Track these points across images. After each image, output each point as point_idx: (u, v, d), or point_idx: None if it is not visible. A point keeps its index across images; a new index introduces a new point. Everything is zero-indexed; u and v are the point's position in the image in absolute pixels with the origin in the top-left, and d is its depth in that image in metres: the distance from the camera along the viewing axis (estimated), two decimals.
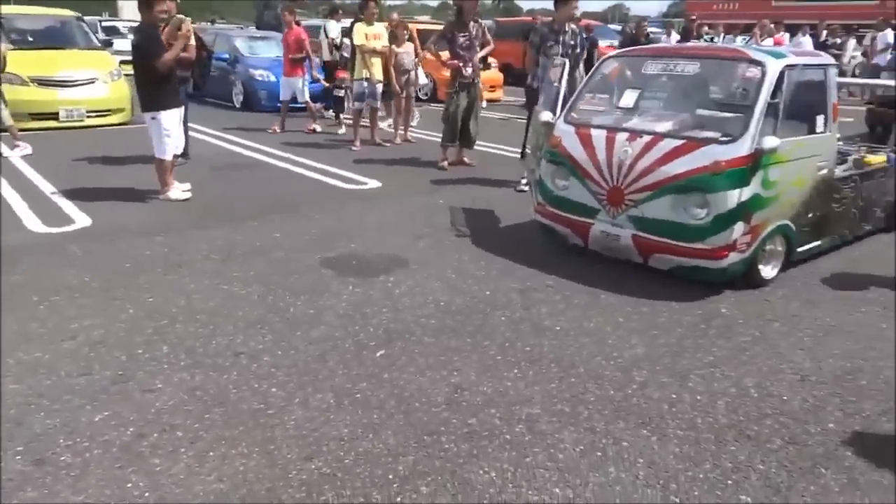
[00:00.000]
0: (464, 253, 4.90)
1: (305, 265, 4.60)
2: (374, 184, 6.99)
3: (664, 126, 4.35)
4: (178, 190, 6.20)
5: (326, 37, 10.69)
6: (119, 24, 21.62)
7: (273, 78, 12.02)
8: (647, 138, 4.24)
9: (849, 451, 2.64)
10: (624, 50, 5.66)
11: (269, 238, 5.15)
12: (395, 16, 10.48)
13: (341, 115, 10.33)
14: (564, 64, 5.24)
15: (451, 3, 7.77)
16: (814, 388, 3.11)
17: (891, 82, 7.55)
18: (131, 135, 8.90)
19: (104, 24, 20.85)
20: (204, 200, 6.14)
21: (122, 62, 11.29)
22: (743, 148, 3.94)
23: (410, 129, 9.77)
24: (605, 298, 4.11)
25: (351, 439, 2.67)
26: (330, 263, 4.64)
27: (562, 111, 4.95)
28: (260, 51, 13.18)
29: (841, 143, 5.02)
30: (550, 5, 6.97)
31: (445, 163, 7.79)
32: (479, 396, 3.00)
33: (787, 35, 14.38)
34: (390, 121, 9.96)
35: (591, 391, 3.06)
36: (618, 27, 22.69)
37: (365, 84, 8.70)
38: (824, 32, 15.22)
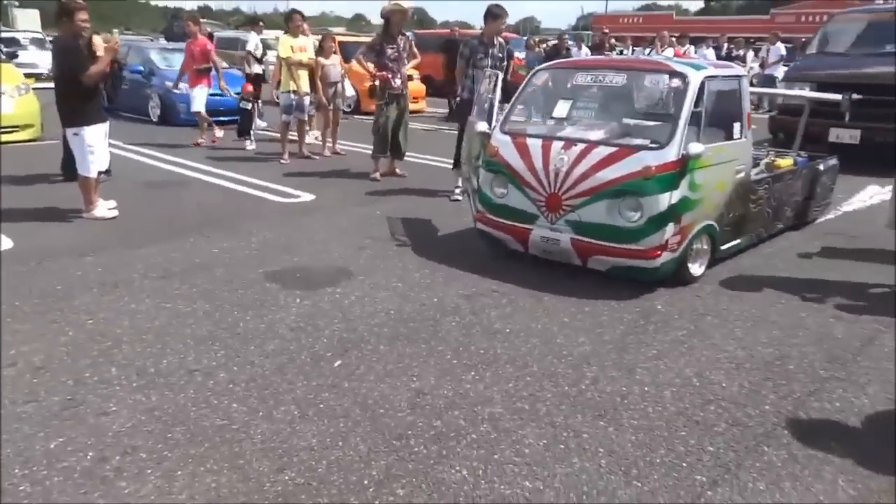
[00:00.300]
0: (407, 262, 4.97)
1: (249, 280, 4.55)
2: (307, 197, 6.96)
3: (597, 134, 4.58)
4: (104, 208, 6.00)
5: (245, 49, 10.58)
6: (20, 36, 20.54)
7: None
8: (581, 146, 4.45)
9: (785, 429, 2.88)
10: (554, 62, 5.90)
11: (208, 254, 5.07)
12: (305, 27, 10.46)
13: (251, 131, 10.01)
14: (497, 76, 5.41)
15: (381, 15, 7.82)
16: (748, 375, 3.35)
17: (793, 92, 8.15)
18: (43, 152, 8.51)
19: (2, 34, 19.78)
20: (133, 218, 5.97)
21: (27, 76, 10.82)
22: (671, 154, 4.19)
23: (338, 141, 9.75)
24: (549, 300, 4.27)
25: (321, 448, 2.70)
26: (274, 277, 4.61)
27: (496, 121, 5.11)
28: (177, 63, 12.81)
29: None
30: (462, 16, 7.19)
31: (377, 174, 7.84)
32: (441, 399, 3.08)
33: (692, 48, 15.21)
34: (317, 133, 9.92)
35: (547, 388, 3.19)
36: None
37: (292, 96, 8.67)
38: (725, 45, 16.23)
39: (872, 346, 3.70)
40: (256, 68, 10.50)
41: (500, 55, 6.79)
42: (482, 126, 5.05)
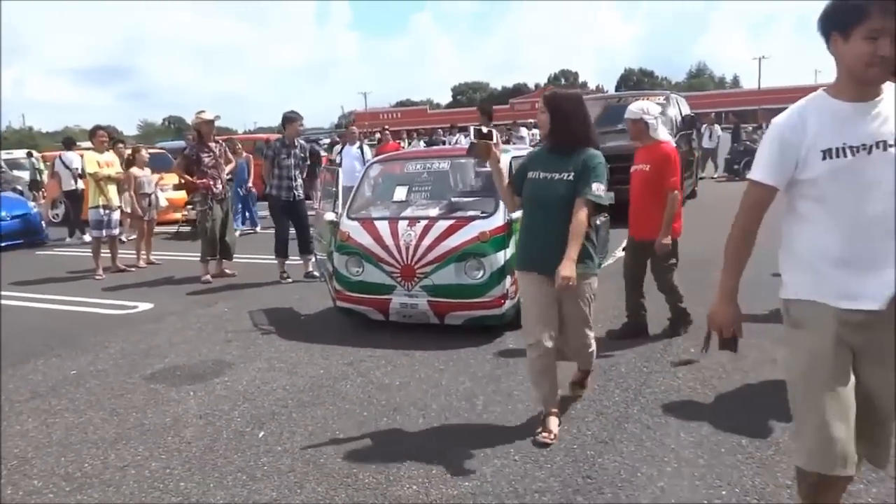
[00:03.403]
0: (279, 346, 5.33)
1: (130, 385, 4.63)
2: (145, 305, 6.95)
3: (435, 211, 5.43)
4: None
5: (68, 168, 10.40)
6: None
7: None
8: (424, 222, 5.26)
9: (635, 408, 3.78)
10: (385, 155, 6.73)
11: (70, 370, 5.00)
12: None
13: None
14: (338, 171, 6.10)
15: (192, 127, 8.21)
16: (596, 380, 4.24)
17: None
18: None
19: None
20: None
21: None
22: (499, 219, 5.15)
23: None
24: (421, 355, 4.91)
25: (284, 498, 3.05)
26: (155, 379, 4.73)
27: (342, 210, 5.77)
28: None
29: None
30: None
31: (209, 276, 8.00)
32: (368, 442, 3.55)
33: (461, 135, 17.22)
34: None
35: (450, 419, 3.81)
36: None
37: (102, 212, 8.56)
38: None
39: (672, 346, 4.83)
40: (79, 184, 10.32)
41: (302, 155, 7.67)
42: (330, 216, 5.68)
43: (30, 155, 19.79)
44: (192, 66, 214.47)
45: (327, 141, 21.30)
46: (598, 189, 3.27)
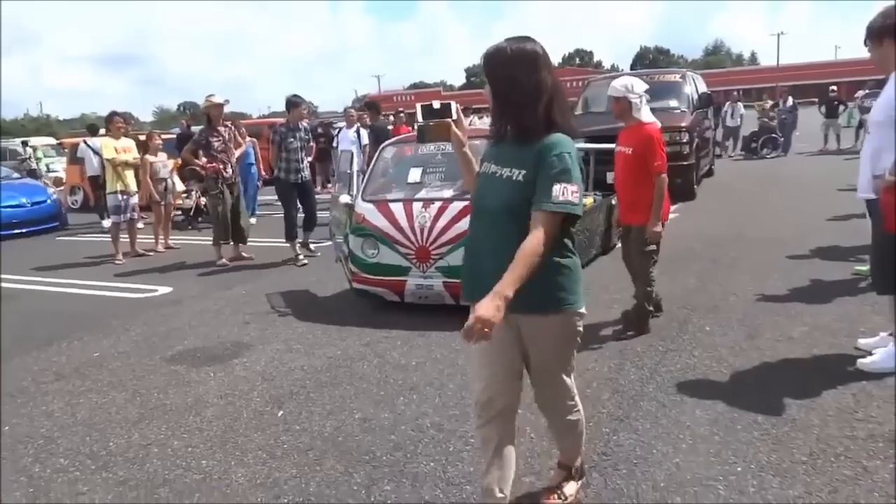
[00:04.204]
0: (297, 327, 5.39)
1: (151, 366, 4.70)
2: (164, 289, 7.04)
3: (449, 192, 5.43)
4: None
5: (97, 153, 10.65)
6: None
7: None
8: (439, 203, 5.27)
9: (650, 386, 3.80)
10: (399, 137, 6.75)
11: (93, 353, 5.09)
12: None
13: None
14: (352, 154, 6.12)
15: (202, 112, 8.27)
16: (611, 360, 4.26)
17: (581, 145, 9.78)
18: None
19: None
20: None
21: None
22: None
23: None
24: (436, 336, 4.94)
25: (303, 475, 3.10)
26: (175, 360, 4.80)
27: (356, 192, 5.79)
28: None
29: None
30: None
31: (224, 260, 8.08)
32: (385, 421, 3.60)
33: (474, 117, 17.16)
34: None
35: (466, 398, 3.83)
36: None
37: (120, 197, 8.65)
38: None
39: (688, 325, 4.82)
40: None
41: (306, 137, 7.82)
42: (345, 198, 5.70)
43: (25, 144, 19.97)
44: (205, 53, 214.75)
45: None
46: (564, 193, 2.10)
